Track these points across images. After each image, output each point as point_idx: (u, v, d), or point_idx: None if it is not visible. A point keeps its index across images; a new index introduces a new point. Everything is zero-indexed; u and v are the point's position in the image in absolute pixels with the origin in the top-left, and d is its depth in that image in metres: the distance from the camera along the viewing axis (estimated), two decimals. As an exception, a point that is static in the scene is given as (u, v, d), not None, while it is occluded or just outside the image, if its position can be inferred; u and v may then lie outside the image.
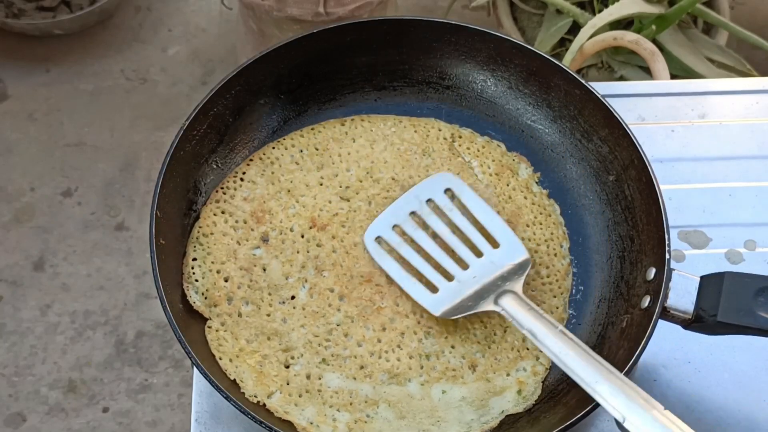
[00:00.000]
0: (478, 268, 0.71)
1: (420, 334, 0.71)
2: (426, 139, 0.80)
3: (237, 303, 0.71)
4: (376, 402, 0.68)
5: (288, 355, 0.69)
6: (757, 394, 0.74)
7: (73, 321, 1.59)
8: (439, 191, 0.75)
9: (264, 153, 0.78)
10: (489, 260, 0.71)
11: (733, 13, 1.70)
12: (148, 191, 1.71)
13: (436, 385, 0.69)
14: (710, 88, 0.94)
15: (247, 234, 0.74)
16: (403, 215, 0.74)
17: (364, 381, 0.69)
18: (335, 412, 0.68)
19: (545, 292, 0.74)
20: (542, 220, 0.77)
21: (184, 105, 1.82)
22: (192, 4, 1.98)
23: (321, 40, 0.79)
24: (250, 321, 0.70)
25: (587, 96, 0.76)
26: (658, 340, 0.65)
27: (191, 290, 0.71)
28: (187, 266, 0.72)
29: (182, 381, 1.53)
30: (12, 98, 1.84)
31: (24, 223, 1.69)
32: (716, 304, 0.64)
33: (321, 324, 0.70)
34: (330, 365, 0.69)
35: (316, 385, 0.68)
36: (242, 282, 0.72)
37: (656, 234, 0.69)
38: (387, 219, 0.74)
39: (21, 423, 1.49)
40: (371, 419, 0.68)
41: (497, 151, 0.80)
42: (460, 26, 0.79)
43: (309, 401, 0.68)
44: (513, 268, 0.70)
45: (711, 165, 0.87)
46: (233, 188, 0.76)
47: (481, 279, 0.70)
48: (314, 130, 0.79)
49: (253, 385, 0.68)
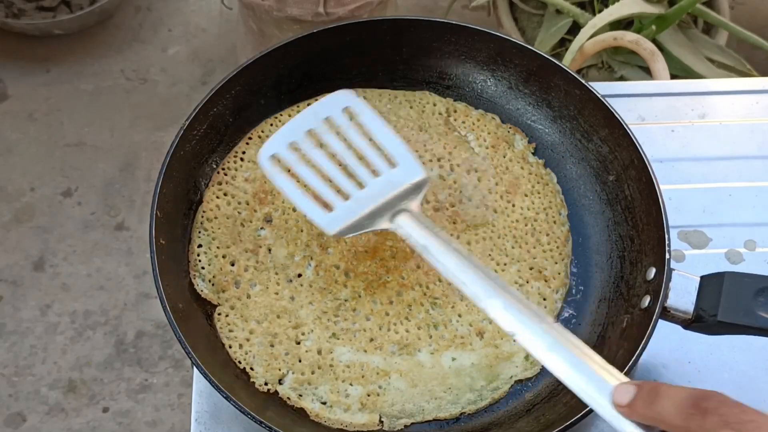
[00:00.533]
0: (374, 186, 0.69)
1: (427, 305, 0.72)
2: (422, 115, 0.80)
3: (245, 286, 0.71)
4: (388, 373, 0.69)
5: (298, 332, 0.70)
6: (757, 394, 0.74)
7: (73, 321, 1.59)
8: (337, 109, 0.72)
9: (262, 130, 0.78)
10: (386, 179, 0.69)
11: (733, 13, 1.70)
12: (148, 191, 1.71)
13: (445, 353, 0.71)
14: (710, 88, 0.94)
15: (250, 215, 0.74)
16: (300, 133, 0.71)
17: (374, 353, 0.70)
18: (348, 387, 0.69)
19: (546, 259, 0.75)
20: (540, 189, 0.78)
21: (184, 105, 1.82)
22: (192, 4, 1.98)
23: (321, 40, 0.78)
24: (259, 301, 0.71)
25: (587, 96, 0.77)
26: (658, 340, 0.65)
27: (198, 279, 0.71)
28: (193, 254, 0.72)
29: (182, 381, 1.53)
30: (12, 98, 1.84)
31: (24, 223, 1.69)
32: (716, 304, 0.64)
33: (329, 300, 0.71)
34: (340, 339, 0.70)
35: (328, 360, 0.69)
36: (249, 264, 0.72)
37: (656, 234, 0.69)
38: (283, 136, 0.72)
39: (21, 423, 1.49)
40: (384, 391, 0.69)
41: (492, 123, 0.81)
42: (460, 26, 0.79)
43: (321, 377, 0.69)
44: (410, 188, 0.69)
45: (711, 165, 0.87)
46: (234, 168, 0.76)
47: (377, 198, 0.68)
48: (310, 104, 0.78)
49: (263, 371, 0.69)
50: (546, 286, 0.74)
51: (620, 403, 0.51)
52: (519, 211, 0.77)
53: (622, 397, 0.51)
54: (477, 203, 0.77)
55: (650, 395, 0.49)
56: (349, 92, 0.74)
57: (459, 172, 0.78)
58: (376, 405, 0.69)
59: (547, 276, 0.74)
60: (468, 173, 0.78)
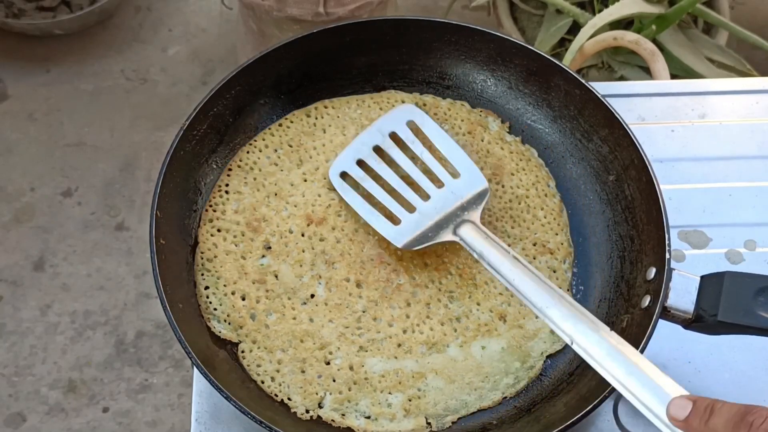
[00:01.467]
0: (438, 198, 0.73)
1: (444, 300, 0.72)
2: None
3: (261, 317, 0.71)
4: (423, 374, 0.69)
5: (325, 352, 0.70)
6: (757, 394, 0.74)
7: (73, 321, 1.59)
8: (401, 124, 0.77)
9: (240, 159, 0.77)
10: (449, 190, 0.73)
11: (733, 13, 1.70)
12: (148, 191, 1.71)
13: (474, 344, 0.71)
14: (710, 88, 0.94)
15: (249, 246, 0.73)
16: (367, 150, 0.76)
17: (405, 357, 0.70)
18: (388, 396, 0.69)
19: (547, 232, 0.76)
20: (524, 166, 0.79)
21: (184, 105, 1.82)
22: (192, 4, 1.98)
23: (321, 40, 0.79)
24: (279, 329, 0.70)
25: (587, 96, 0.77)
26: (658, 340, 0.65)
27: (213, 321, 0.70)
28: (201, 297, 0.71)
29: (182, 381, 1.53)
30: (12, 98, 1.84)
31: (24, 223, 1.69)
32: (716, 303, 0.64)
33: (347, 314, 0.71)
34: (369, 351, 0.70)
35: (361, 373, 0.69)
36: (259, 295, 0.72)
37: (656, 234, 0.69)
38: (351, 154, 0.76)
39: (21, 423, 1.49)
40: (424, 393, 0.69)
41: (463, 110, 0.81)
42: (460, 26, 0.79)
43: (360, 392, 0.69)
44: (472, 198, 0.72)
45: (711, 165, 0.87)
46: (221, 203, 0.75)
47: (441, 209, 0.73)
48: (282, 126, 0.79)
49: (301, 399, 0.68)
50: (553, 258, 0.75)
51: (677, 418, 0.52)
52: (510, 191, 0.78)
53: (679, 412, 0.53)
54: None
55: (706, 412, 0.51)
56: (412, 106, 0.78)
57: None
58: (419, 408, 0.69)
59: (551, 248, 0.75)
60: None
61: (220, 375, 0.65)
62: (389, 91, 0.82)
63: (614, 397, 0.73)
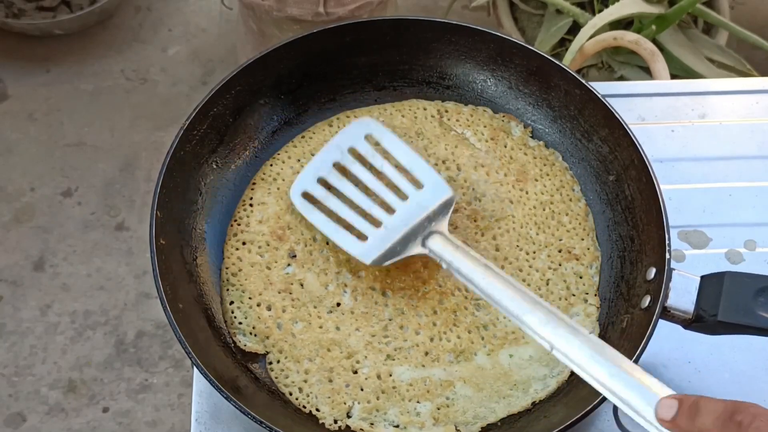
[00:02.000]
0: (403, 211, 0.71)
1: (471, 308, 0.72)
2: (415, 121, 0.80)
3: (287, 326, 0.70)
4: (452, 382, 0.69)
5: (353, 361, 0.69)
6: (757, 394, 0.74)
7: (73, 321, 1.59)
8: (359, 138, 0.75)
9: (264, 173, 0.77)
10: (414, 202, 0.72)
11: (733, 13, 1.70)
12: (148, 191, 1.71)
13: (501, 352, 0.70)
14: (710, 88, 0.94)
15: (274, 256, 0.73)
16: (327, 167, 0.74)
17: (433, 366, 0.69)
18: (416, 405, 0.68)
19: (572, 238, 0.75)
20: (548, 171, 0.78)
21: (184, 105, 1.82)
22: (192, 4, 1.98)
23: (321, 40, 0.78)
24: (306, 338, 0.70)
25: (587, 96, 0.76)
26: (658, 340, 0.65)
27: (239, 335, 0.70)
28: (227, 313, 0.71)
29: (182, 381, 1.53)
30: (12, 98, 1.84)
31: (24, 223, 1.69)
32: (716, 303, 0.64)
33: (374, 323, 0.71)
34: (396, 360, 0.70)
35: (389, 382, 0.69)
36: (285, 305, 0.71)
37: (656, 234, 0.69)
38: (311, 173, 0.74)
39: (21, 423, 1.49)
40: (452, 401, 0.69)
41: (485, 115, 0.81)
42: (460, 26, 0.79)
43: (388, 401, 0.68)
44: (438, 208, 0.71)
45: (711, 165, 0.87)
46: (246, 216, 0.75)
47: (407, 222, 0.71)
48: (304, 137, 0.79)
49: (329, 409, 0.68)
50: (579, 264, 0.74)
51: (664, 419, 0.52)
52: (534, 197, 0.77)
53: (666, 412, 0.52)
54: (492, 197, 0.77)
55: (691, 410, 0.50)
56: (369, 119, 0.76)
57: (466, 170, 0.78)
58: (448, 417, 0.68)
59: (577, 254, 0.74)
60: (475, 170, 0.78)
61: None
62: (411, 100, 0.81)
63: (614, 397, 0.73)
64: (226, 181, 0.77)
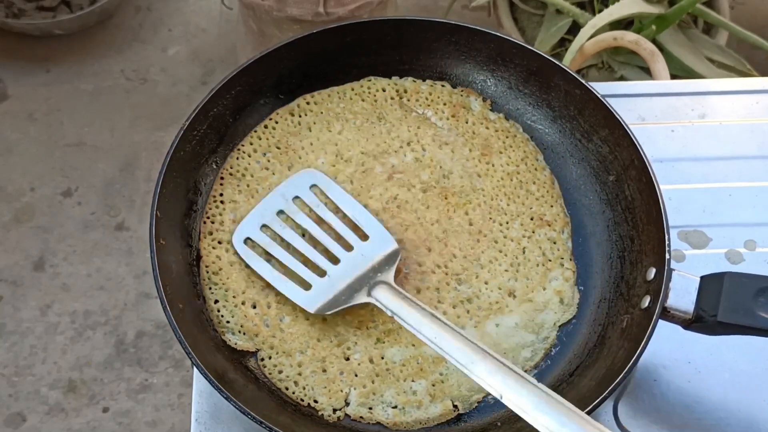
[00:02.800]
0: (348, 261, 0.72)
1: (453, 284, 0.73)
2: (375, 104, 0.81)
3: (274, 322, 0.71)
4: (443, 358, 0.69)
5: (344, 348, 0.70)
6: (757, 394, 0.74)
7: (73, 321, 1.59)
8: (304, 188, 0.75)
9: (231, 166, 0.77)
10: (359, 253, 0.72)
11: (733, 13, 1.70)
12: (148, 191, 1.71)
13: (488, 323, 0.72)
14: (710, 88, 0.94)
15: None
16: (270, 215, 0.74)
17: (422, 344, 0.69)
18: (411, 384, 0.69)
19: (542, 205, 0.77)
20: (511, 143, 0.80)
21: (184, 105, 1.82)
22: (192, 4, 1.98)
23: (321, 40, 0.78)
24: (294, 332, 0.70)
25: (587, 96, 0.77)
26: (658, 340, 0.65)
27: (228, 334, 0.70)
28: (213, 312, 0.71)
29: (182, 381, 1.53)
30: (12, 98, 1.84)
31: (24, 223, 1.69)
32: (716, 304, 0.64)
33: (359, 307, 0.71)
34: (386, 342, 0.70)
35: (382, 365, 0.69)
36: (269, 301, 0.71)
37: (656, 234, 0.69)
38: (254, 219, 0.74)
39: (21, 423, 1.49)
40: (446, 376, 0.69)
41: (444, 92, 0.81)
42: (460, 26, 0.79)
43: (383, 383, 0.69)
44: (383, 259, 0.71)
45: (711, 165, 0.87)
46: (218, 213, 0.75)
47: (352, 272, 0.71)
48: (267, 127, 0.79)
49: (327, 399, 0.68)
50: (551, 230, 0.76)
51: None
52: (500, 168, 0.78)
53: None
54: (460, 173, 0.78)
55: None
56: (313, 170, 0.76)
57: (431, 149, 0.79)
58: (444, 392, 0.69)
59: (549, 220, 0.76)
60: (440, 148, 0.79)
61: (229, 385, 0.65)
62: (368, 78, 0.81)
63: (614, 398, 0.73)
64: (226, 181, 0.77)
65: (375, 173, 0.77)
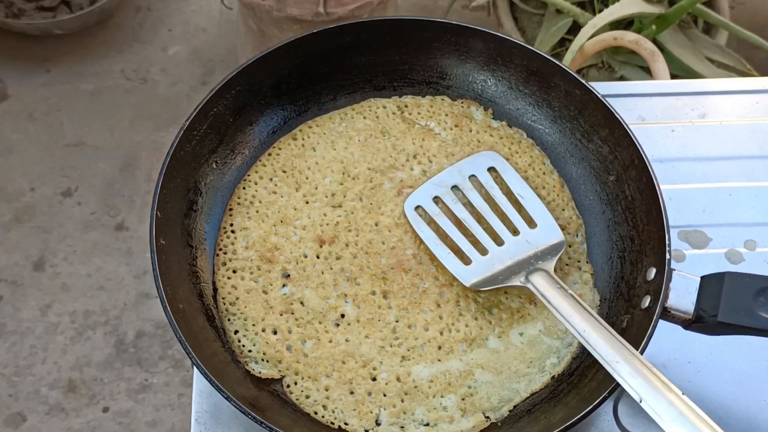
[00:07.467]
0: (512, 245, 0.73)
1: (472, 295, 0.72)
2: (378, 120, 0.81)
3: (297, 347, 0.70)
4: (470, 371, 0.70)
5: (369, 368, 0.69)
6: (757, 394, 0.74)
7: (73, 321, 1.59)
8: (482, 168, 0.77)
9: (238, 197, 0.77)
10: (524, 239, 0.73)
11: (733, 13, 1.70)
12: (148, 191, 1.71)
13: (511, 332, 0.71)
14: (710, 88, 0.94)
15: (267, 279, 0.73)
16: (445, 188, 0.76)
17: (448, 358, 0.70)
18: (441, 400, 0.69)
19: (554, 210, 0.77)
20: (516, 149, 0.80)
21: (184, 105, 1.82)
22: (192, 4, 1.98)
23: (321, 40, 0.79)
24: (318, 355, 0.70)
25: (587, 96, 0.77)
26: (658, 340, 0.65)
27: (251, 364, 0.70)
28: (234, 343, 0.71)
29: (182, 381, 1.53)
30: (12, 98, 1.84)
31: (24, 223, 1.69)
32: (716, 304, 0.64)
33: (382, 327, 0.71)
34: (411, 359, 0.70)
35: (410, 383, 0.69)
36: (290, 326, 0.71)
37: (656, 234, 0.69)
38: (428, 190, 0.76)
39: (21, 423, 1.49)
40: (475, 389, 0.69)
41: (445, 104, 0.82)
42: (460, 26, 0.79)
43: (413, 401, 0.69)
44: (547, 249, 0.72)
45: (711, 165, 0.87)
46: (230, 243, 0.75)
47: (514, 255, 0.72)
48: (271, 155, 0.79)
49: (358, 421, 0.68)
50: (566, 234, 0.76)
51: None
52: None
53: None
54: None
55: None
56: (495, 153, 0.78)
57: (438, 161, 0.79)
58: (475, 405, 0.69)
59: (562, 225, 0.76)
60: (447, 159, 0.79)
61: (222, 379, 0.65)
62: (369, 100, 0.82)
63: (614, 398, 0.73)
64: (226, 181, 0.77)
65: (384, 189, 0.77)
